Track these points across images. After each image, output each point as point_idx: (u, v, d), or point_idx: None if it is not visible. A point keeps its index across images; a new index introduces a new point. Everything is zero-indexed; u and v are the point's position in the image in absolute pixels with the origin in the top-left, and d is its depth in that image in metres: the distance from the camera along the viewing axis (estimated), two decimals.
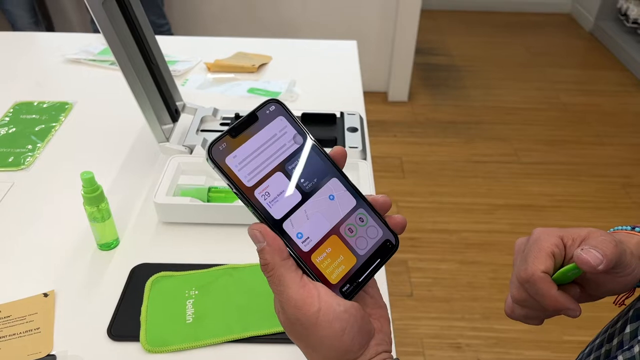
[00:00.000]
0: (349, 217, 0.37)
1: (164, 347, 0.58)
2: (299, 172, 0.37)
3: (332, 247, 0.37)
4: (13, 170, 0.84)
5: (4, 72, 1.15)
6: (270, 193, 0.36)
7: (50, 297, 0.64)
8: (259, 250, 0.37)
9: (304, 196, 0.36)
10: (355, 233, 0.37)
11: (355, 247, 0.37)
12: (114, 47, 0.72)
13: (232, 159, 0.35)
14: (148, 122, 0.80)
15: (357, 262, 0.37)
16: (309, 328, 0.36)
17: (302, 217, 0.36)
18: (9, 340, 0.59)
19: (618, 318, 0.50)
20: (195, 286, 0.65)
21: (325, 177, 0.37)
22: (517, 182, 2.57)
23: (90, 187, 0.65)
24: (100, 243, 0.71)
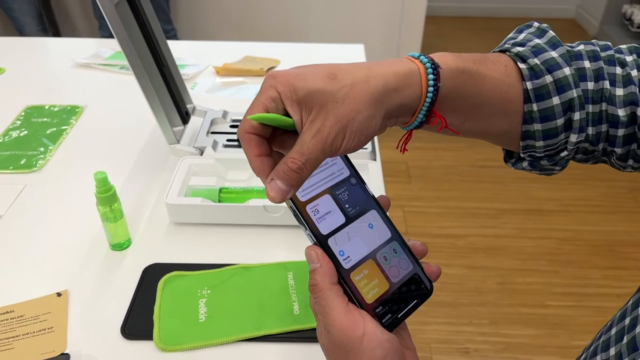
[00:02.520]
0: (384, 246, 0.40)
1: (178, 345, 0.59)
2: (345, 198, 0.41)
3: (368, 270, 0.39)
4: (26, 172, 0.85)
5: (16, 76, 1.16)
6: (319, 210, 0.39)
7: (63, 296, 0.65)
8: (312, 271, 0.38)
9: (347, 220, 0.40)
10: (389, 262, 0.40)
11: (389, 274, 0.40)
12: (127, 50, 0.73)
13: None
14: (159, 123, 0.80)
15: (389, 288, 0.39)
16: (352, 352, 0.37)
17: (345, 238, 0.39)
18: (22, 339, 0.60)
19: (611, 324, 0.49)
20: (207, 286, 0.65)
21: (366, 207, 0.41)
22: (523, 186, 2.56)
23: (104, 187, 0.66)
24: (113, 243, 0.71)
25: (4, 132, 0.95)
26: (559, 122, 0.44)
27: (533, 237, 2.22)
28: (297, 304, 0.63)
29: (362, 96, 0.36)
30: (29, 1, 2.70)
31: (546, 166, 0.48)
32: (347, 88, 0.36)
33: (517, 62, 0.45)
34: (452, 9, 4.14)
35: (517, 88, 0.44)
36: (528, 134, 0.46)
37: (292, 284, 0.66)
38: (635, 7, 3.40)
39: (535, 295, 1.92)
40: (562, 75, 0.44)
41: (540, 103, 0.44)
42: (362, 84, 0.36)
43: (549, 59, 0.45)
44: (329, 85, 0.36)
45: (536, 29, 0.49)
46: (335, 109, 0.35)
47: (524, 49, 0.46)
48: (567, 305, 1.89)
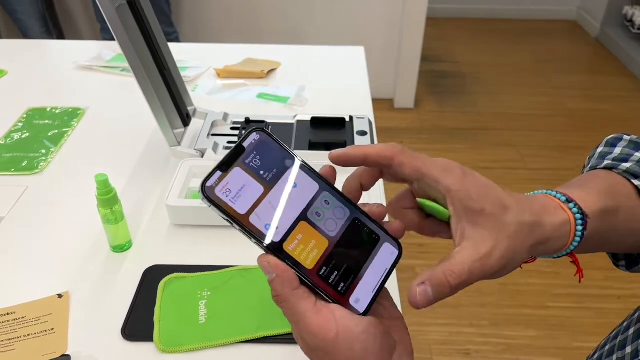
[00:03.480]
0: (314, 202, 0.37)
1: (178, 347, 0.59)
2: (289, 193, 0.36)
3: (302, 233, 0.36)
4: (27, 174, 0.85)
5: (18, 78, 1.16)
6: (231, 190, 0.35)
7: (64, 298, 0.65)
8: (270, 282, 0.36)
9: (299, 215, 0.36)
10: (322, 217, 0.37)
11: (325, 229, 0.37)
12: (127, 52, 0.73)
13: (224, 192, 0.34)
14: (160, 126, 0.81)
15: (329, 245, 0.37)
16: (330, 353, 0.36)
17: (268, 208, 0.35)
18: (24, 340, 0.60)
19: (629, 324, 0.49)
20: (207, 287, 0.66)
21: (317, 193, 0.37)
22: (524, 187, 2.55)
23: (105, 189, 0.66)
24: (114, 245, 0.71)
25: (6, 134, 0.95)
26: None
27: None
28: None
29: (526, 240, 0.37)
30: (32, 3, 2.71)
31: None
32: (517, 226, 0.36)
33: (630, 180, 0.45)
34: (453, 11, 4.15)
35: (628, 189, 0.44)
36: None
37: None
38: (636, 8, 3.40)
39: (536, 297, 1.92)
40: None
41: None
42: (529, 228, 0.37)
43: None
44: (503, 215, 0.36)
45: (629, 142, 0.50)
46: (505, 243, 0.36)
47: (631, 165, 0.46)
48: (568, 306, 1.89)
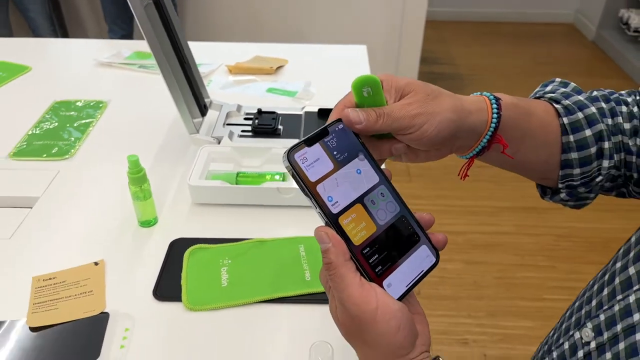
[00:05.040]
0: (372, 190, 0.43)
1: (203, 306, 0.66)
2: (353, 176, 0.42)
3: (356, 213, 0.42)
4: (58, 159, 0.93)
5: (41, 75, 1.24)
6: (327, 189, 0.41)
7: (100, 265, 0.72)
8: (324, 251, 0.41)
9: (357, 198, 0.42)
10: (376, 205, 0.43)
11: (376, 217, 0.43)
12: (153, 46, 0.81)
13: (302, 159, 0.41)
14: (181, 115, 0.88)
15: (377, 230, 0.43)
16: (368, 324, 0.40)
17: (333, 184, 0.41)
18: (66, 301, 0.67)
19: (594, 282, 0.56)
20: (228, 256, 0.73)
21: (376, 184, 0.43)
22: (520, 185, 2.63)
23: (135, 168, 0.74)
24: (142, 220, 0.79)
25: (36, 124, 1.03)
26: (592, 150, 0.54)
27: (531, 233, 2.29)
28: (308, 271, 0.71)
29: (448, 102, 0.45)
30: (42, 3, 2.79)
31: (582, 194, 0.57)
32: (438, 92, 0.45)
33: (552, 104, 0.55)
34: (452, 14, 4.22)
35: (555, 123, 0.54)
36: (567, 162, 0.55)
37: (303, 255, 0.73)
38: (631, 11, 3.48)
39: (532, 289, 1.99)
40: (590, 112, 0.55)
41: (575, 134, 0.54)
42: (449, 95, 0.46)
43: (577, 100, 0.55)
44: (425, 86, 0.45)
45: (559, 82, 0.60)
46: (427, 100, 0.44)
47: (555, 94, 0.57)
48: (563, 298, 1.95)
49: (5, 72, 1.22)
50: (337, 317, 0.43)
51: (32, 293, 0.68)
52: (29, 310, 0.66)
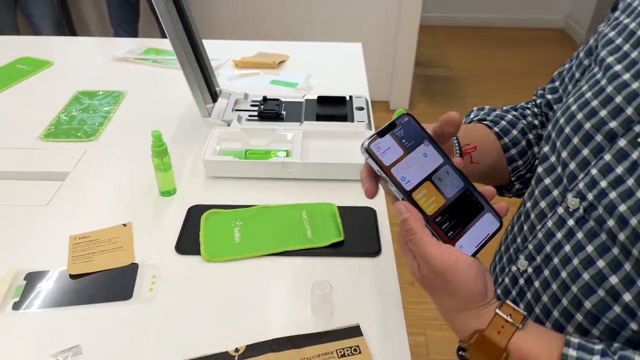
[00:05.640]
0: (438, 170, 0.52)
1: (219, 258, 0.77)
2: (420, 159, 0.51)
3: (426, 189, 0.51)
4: (84, 140, 1.03)
5: (63, 68, 1.35)
6: (400, 171, 0.50)
7: (128, 226, 0.83)
8: (404, 220, 0.48)
9: (426, 177, 0.51)
10: (443, 182, 0.52)
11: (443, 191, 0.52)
12: (172, 38, 0.91)
13: (376, 148, 0.50)
14: (196, 100, 0.99)
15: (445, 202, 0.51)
16: (450, 274, 0.47)
17: (404, 166, 0.50)
18: (100, 254, 0.78)
19: (512, 226, 0.70)
20: (239, 219, 0.84)
21: (441, 164, 0.52)
22: None
23: (158, 142, 0.84)
24: (162, 190, 0.89)
25: (62, 110, 1.13)
26: (523, 143, 0.74)
27: None
28: (309, 231, 0.81)
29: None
30: (49, 8, 2.89)
31: (530, 180, 0.73)
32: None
33: (481, 122, 0.76)
34: (445, 19, 4.35)
35: (490, 134, 0.74)
36: (511, 158, 0.74)
37: (305, 218, 0.84)
38: None
39: None
40: (509, 118, 0.75)
41: (507, 136, 0.74)
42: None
43: (496, 114, 0.76)
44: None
45: (477, 109, 0.80)
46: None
47: (479, 116, 0.78)
48: None
49: (30, 65, 1.33)
50: (420, 276, 0.50)
51: (70, 249, 0.79)
52: (69, 262, 0.76)
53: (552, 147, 0.62)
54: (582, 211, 0.55)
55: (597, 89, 0.57)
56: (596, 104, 0.56)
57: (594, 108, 0.56)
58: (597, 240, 0.53)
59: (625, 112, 0.53)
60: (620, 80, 0.55)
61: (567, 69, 0.73)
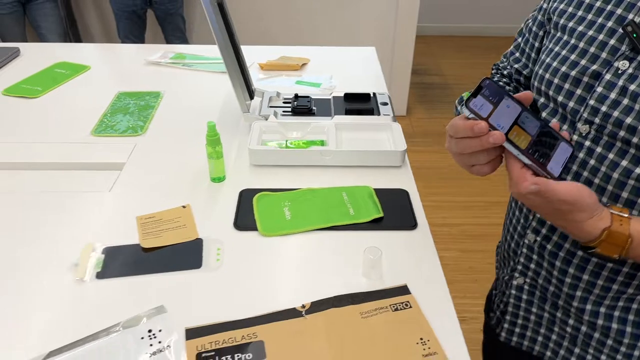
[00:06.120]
0: (520, 116, 0.65)
1: (274, 232, 0.86)
2: (506, 110, 0.64)
3: (516, 132, 0.64)
4: (133, 135, 1.12)
5: (100, 72, 1.44)
6: (495, 120, 0.63)
7: (187, 208, 0.92)
8: (534, 183, 0.61)
9: (513, 122, 0.64)
10: (525, 124, 0.65)
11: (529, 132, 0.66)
12: (218, 36, 1.01)
13: (474, 105, 0.63)
14: (237, 96, 1.09)
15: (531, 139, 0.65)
16: (579, 198, 0.61)
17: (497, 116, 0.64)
18: (167, 231, 0.86)
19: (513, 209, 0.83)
20: (287, 200, 0.93)
21: (521, 112, 0.65)
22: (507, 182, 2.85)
23: (212, 132, 0.93)
24: (213, 177, 0.98)
25: (107, 109, 1.22)
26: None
27: None
28: (351, 209, 0.91)
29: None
30: (57, 20, 2.98)
31: None
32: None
33: None
34: (439, 29, 4.50)
35: None
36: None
37: (346, 199, 0.93)
38: None
39: None
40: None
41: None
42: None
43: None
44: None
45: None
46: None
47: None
48: None
49: (68, 70, 1.41)
50: (551, 209, 0.64)
51: (139, 227, 0.87)
52: (140, 238, 0.85)
53: (547, 97, 0.76)
54: (594, 132, 0.70)
55: (569, 46, 0.73)
56: (574, 57, 0.72)
57: (574, 60, 0.72)
58: (614, 148, 0.68)
59: (601, 56, 0.69)
60: (588, 36, 0.71)
61: (521, 42, 0.90)
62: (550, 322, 0.82)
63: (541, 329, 0.83)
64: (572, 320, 0.78)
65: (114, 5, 2.93)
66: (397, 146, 1.03)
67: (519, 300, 0.85)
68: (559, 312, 0.80)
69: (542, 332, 0.83)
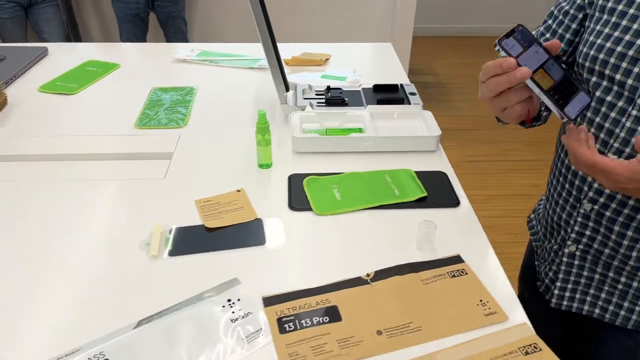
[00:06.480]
0: (546, 63, 0.72)
1: (327, 211, 0.91)
2: (534, 54, 0.71)
3: (540, 74, 0.71)
4: (177, 127, 1.17)
5: (130, 70, 1.48)
6: (523, 61, 0.69)
7: (242, 192, 0.97)
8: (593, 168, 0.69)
9: (539, 66, 0.71)
10: (550, 70, 0.72)
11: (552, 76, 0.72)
12: (262, 31, 1.07)
13: (505, 45, 0.70)
14: (277, 88, 1.14)
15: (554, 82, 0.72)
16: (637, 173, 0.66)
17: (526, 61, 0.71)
18: (227, 213, 0.91)
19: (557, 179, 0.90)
20: (335, 182, 0.99)
21: (547, 59, 0.72)
22: (506, 176, 2.96)
23: (263, 120, 0.99)
24: (261, 163, 1.04)
25: (148, 104, 1.27)
26: None
27: (519, 216, 2.58)
28: (396, 189, 0.97)
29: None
30: (59, 24, 3.00)
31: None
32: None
33: None
34: (433, 30, 4.60)
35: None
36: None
37: (389, 180, 0.99)
38: None
39: None
40: None
41: None
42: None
43: None
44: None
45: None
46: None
47: None
48: None
49: (99, 68, 1.45)
50: (619, 182, 0.69)
51: (199, 210, 0.92)
52: (202, 219, 0.90)
53: (601, 76, 0.80)
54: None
55: (621, 28, 0.77)
56: (629, 37, 0.76)
57: (629, 40, 0.76)
58: None
59: None
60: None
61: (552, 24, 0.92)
62: (600, 282, 0.88)
63: (590, 290, 0.90)
64: (624, 278, 0.85)
65: (117, 8, 2.96)
66: (432, 132, 1.10)
67: (571, 266, 0.91)
68: (611, 272, 0.86)
69: (591, 293, 0.90)
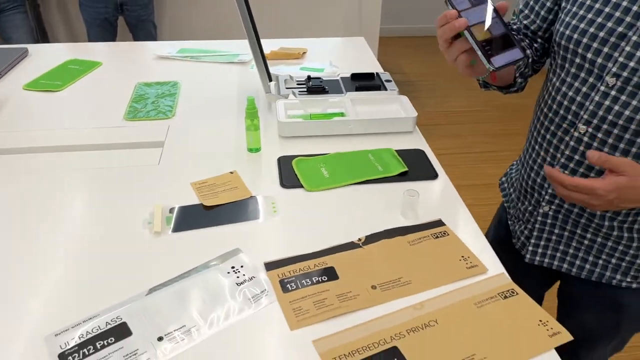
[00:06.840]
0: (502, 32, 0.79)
1: (317, 187, 0.98)
2: (478, 11, 0.78)
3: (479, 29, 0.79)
4: (165, 119, 1.22)
5: (112, 67, 1.52)
6: (467, 16, 0.77)
7: (235, 173, 1.02)
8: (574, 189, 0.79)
9: (480, 21, 0.78)
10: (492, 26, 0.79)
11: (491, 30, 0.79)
12: (247, 26, 1.13)
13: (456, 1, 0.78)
14: (261, 78, 1.20)
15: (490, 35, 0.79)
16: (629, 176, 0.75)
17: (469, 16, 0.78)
18: (222, 192, 0.97)
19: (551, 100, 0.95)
20: (322, 162, 1.05)
21: (493, 17, 0.79)
22: (474, 167, 3.08)
23: (252, 105, 1.05)
24: (250, 147, 1.09)
25: (135, 98, 1.31)
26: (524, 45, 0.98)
27: (489, 204, 2.68)
28: (379, 166, 1.04)
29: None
30: (27, 30, 2.98)
31: (526, 75, 1.02)
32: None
33: None
34: (399, 30, 4.73)
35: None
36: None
37: (372, 158, 1.07)
38: None
39: None
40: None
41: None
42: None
43: None
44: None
45: None
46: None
47: None
48: None
49: (82, 66, 1.49)
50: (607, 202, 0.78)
51: (195, 191, 0.97)
52: (200, 198, 0.95)
53: (574, 53, 0.86)
54: (620, 83, 0.80)
55: (594, 10, 0.83)
56: (601, 20, 0.82)
57: (601, 22, 0.82)
58: (637, 96, 0.79)
59: (625, 20, 0.79)
60: (613, 2, 0.81)
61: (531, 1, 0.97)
62: (569, 239, 0.97)
63: (560, 246, 0.99)
64: (590, 234, 0.94)
65: (85, 13, 2.96)
66: (409, 113, 1.18)
67: (544, 224, 0.99)
68: (578, 229, 0.95)
69: (561, 249, 0.99)
